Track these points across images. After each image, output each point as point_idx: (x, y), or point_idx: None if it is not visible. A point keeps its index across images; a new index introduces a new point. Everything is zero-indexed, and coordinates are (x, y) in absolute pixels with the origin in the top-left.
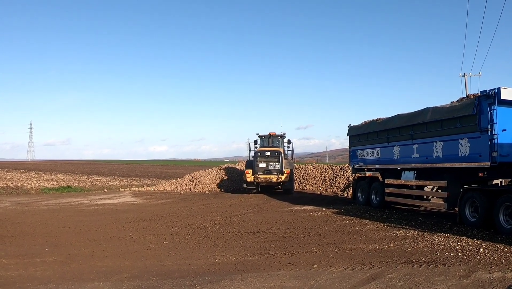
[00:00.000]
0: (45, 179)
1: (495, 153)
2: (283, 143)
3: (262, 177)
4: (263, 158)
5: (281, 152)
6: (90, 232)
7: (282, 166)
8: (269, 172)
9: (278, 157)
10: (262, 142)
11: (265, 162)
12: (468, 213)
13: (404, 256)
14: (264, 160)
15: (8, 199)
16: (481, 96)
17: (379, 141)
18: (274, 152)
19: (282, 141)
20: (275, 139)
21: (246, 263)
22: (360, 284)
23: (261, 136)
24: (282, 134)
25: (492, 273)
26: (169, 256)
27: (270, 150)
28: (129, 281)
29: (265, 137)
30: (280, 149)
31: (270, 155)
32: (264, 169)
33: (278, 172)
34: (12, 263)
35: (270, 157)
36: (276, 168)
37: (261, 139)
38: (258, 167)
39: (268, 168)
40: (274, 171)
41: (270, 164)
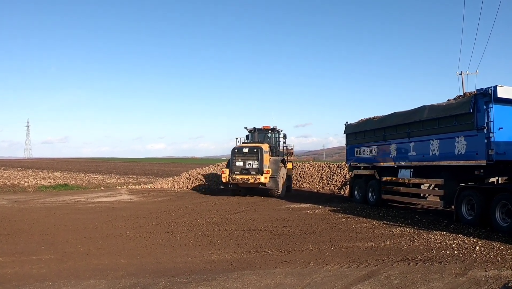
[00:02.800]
0: (42, 177)
1: (492, 151)
2: (276, 139)
3: (239, 177)
4: (240, 155)
5: (262, 148)
6: (87, 230)
7: (262, 164)
8: (247, 171)
9: (258, 154)
10: (252, 138)
11: (243, 160)
12: (465, 211)
13: (400, 254)
14: (242, 157)
15: (4, 196)
16: (478, 95)
17: (376, 139)
18: (253, 149)
19: (274, 136)
20: (263, 134)
21: (242, 261)
22: (356, 281)
23: (250, 130)
24: (273, 128)
25: (488, 271)
26: (165, 254)
27: (249, 146)
28: (125, 279)
29: (252, 131)
30: (262, 145)
31: (249, 151)
32: (242, 168)
33: (257, 171)
34: (8, 260)
35: (249, 154)
36: (254, 166)
37: (251, 134)
38: (234, 166)
39: (246, 167)
40: (253, 171)
41: (248, 162)
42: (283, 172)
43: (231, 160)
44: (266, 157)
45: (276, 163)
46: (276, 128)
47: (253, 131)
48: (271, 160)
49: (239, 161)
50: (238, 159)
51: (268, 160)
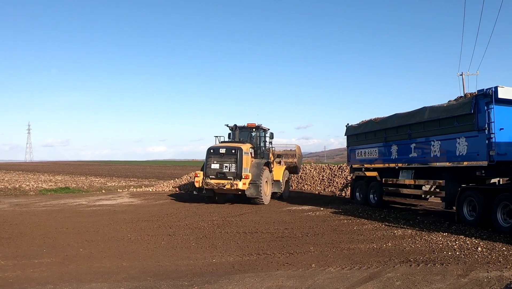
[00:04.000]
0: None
1: (493, 152)
2: (261, 138)
3: (214, 182)
4: (216, 156)
5: (242, 149)
6: (88, 233)
7: (240, 168)
8: (223, 175)
9: (236, 156)
10: (233, 137)
11: (219, 162)
12: (466, 212)
13: (402, 255)
14: (218, 159)
15: (6, 200)
16: (479, 95)
17: (377, 141)
18: (230, 149)
19: (259, 135)
20: (246, 132)
21: (244, 263)
22: (358, 283)
23: (231, 128)
24: (258, 126)
25: (490, 272)
26: (167, 257)
27: (226, 146)
28: (126, 282)
29: (233, 129)
30: (242, 145)
31: (226, 153)
32: (217, 171)
33: (235, 176)
34: (9, 264)
35: (226, 155)
36: (232, 170)
37: (232, 132)
38: (209, 169)
39: (222, 170)
40: (230, 175)
41: (225, 165)
42: (267, 177)
43: (205, 162)
44: (247, 159)
45: (258, 166)
46: (261, 127)
47: (234, 129)
48: (253, 162)
49: (214, 163)
50: (214, 160)
51: (249, 163)
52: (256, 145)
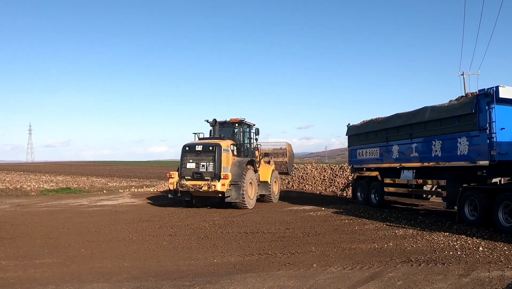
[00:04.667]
0: (44, 181)
1: (494, 152)
2: (245, 135)
3: (189, 183)
4: (192, 155)
5: (221, 145)
6: (89, 233)
7: (219, 167)
8: (200, 176)
9: (214, 154)
10: (213, 133)
11: (195, 161)
12: (467, 212)
13: (403, 255)
14: (194, 158)
15: (7, 200)
16: (480, 95)
17: (378, 141)
18: (207, 146)
19: (242, 131)
20: (229, 128)
21: (245, 263)
22: (359, 283)
23: (211, 123)
24: (242, 121)
25: (492, 272)
26: (168, 257)
27: (203, 142)
28: (128, 282)
29: (213, 124)
30: (221, 142)
31: (203, 150)
32: (194, 171)
33: (212, 176)
34: (11, 264)
35: (203, 153)
36: (209, 170)
37: (213, 128)
38: (185, 169)
39: (198, 170)
40: (207, 175)
41: (201, 164)
42: (251, 177)
43: (180, 161)
44: (227, 157)
45: (240, 165)
46: (245, 122)
47: (214, 125)
48: (235, 161)
49: (190, 162)
50: (189, 159)
51: (230, 162)
52: (239, 142)
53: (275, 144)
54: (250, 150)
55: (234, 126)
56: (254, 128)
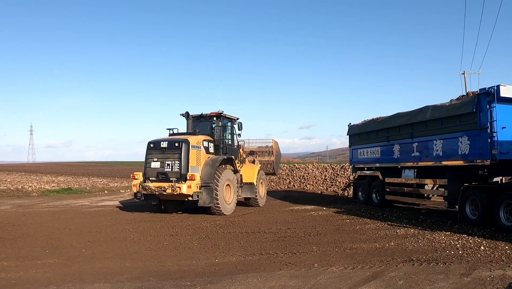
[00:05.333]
0: (45, 181)
1: (495, 151)
2: (226, 129)
3: (153, 185)
4: (157, 152)
5: (188, 141)
6: (91, 234)
7: (186, 166)
8: (165, 176)
9: (180, 151)
10: (186, 128)
11: (160, 160)
12: (469, 211)
13: (405, 255)
14: (159, 156)
15: (9, 201)
16: (481, 94)
17: (379, 140)
18: (173, 143)
19: (222, 125)
20: (207, 122)
21: (247, 263)
22: (361, 283)
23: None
24: (220, 114)
25: (493, 271)
26: (169, 257)
27: (169, 138)
28: (129, 282)
29: (186, 117)
30: (190, 137)
31: (168, 147)
32: (158, 171)
33: (178, 177)
34: (12, 265)
35: (168, 150)
36: (175, 169)
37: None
38: (149, 169)
39: (163, 170)
40: (172, 175)
41: (167, 164)
42: (229, 178)
43: (145, 160)
44: (197, 155)
45: (213, 164)
46: (224, 115)
47: (187, 118)
48: (208, 159)
49: (155, 161)
50: (154, 158)
51: (202, 160)
52: (217, 137)
53: (261, 142)
54: (232, 147)
55: (212, 121)
56: (237, 122)
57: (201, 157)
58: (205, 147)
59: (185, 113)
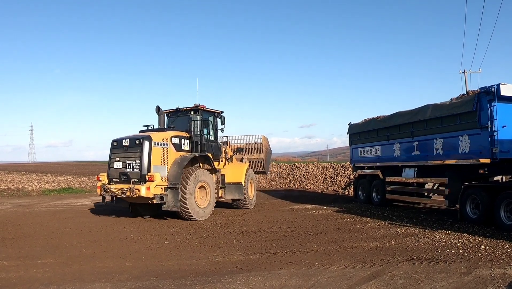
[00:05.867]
0: (46, 181)
1: (496, 149)
2: (205, 124)
3: (114, 187)
4: (120, 151)
5: (151, 138)
6: (91, 233)
7: (148, 166)
8: (127, 177)
9: (141, 150)
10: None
11: (122, 160)
12: (469, 210)
13: (405, 254)
14: (122, 155)
15: (9, 201)
16: (481, 93)
17: (379, 139)
18: (134, 140)
19: (200, 119)
20: (184, 117)
21: (247, 262)
22: (361, 282)
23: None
24: (196, 108)
25: (493, 270)
26: (170, 256)
27: (131, 136)
28: (130, 282)
29: (157, 112)
30: (153, 134)
31: (129, 145)
32: (120, 172)
33: (138, 178)
34: (13, 265)
35: (130, 149)
36: (135, 170)
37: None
38: (112, 169)
39: (125, 171)
40: (134, 176)
41: (128, 163)
42: (204, 179)
43: (108, 159)
44: (162, 154)
45: (181, 163)
46: (202, 108)
47: (158, 113)
48: (178, 158)
49: (117, 161)
50: (117, 157)
51: (170, 159)
52: (195, 133)
53: (249, 138)
54: (214, 143)
55: (189, 115)
56: (221, 116)
57: (169, 155)
58: (175, 144)
59: (156, 108)
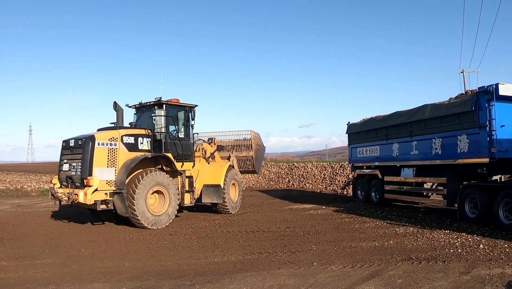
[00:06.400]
0: (45, 181)
1: (494, 149)
2: (171, 120)
3: (61, 191)
4: (68, 152)
5: (94, 138)
6: (90, 233)
7: (87, 169)
8: (72, 181)
9: (83, 152)
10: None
11: (69, 162)
12: (468, 209)
13: (404, 253)
14: (69, 157)
15: (8, 201)
16: (479, 93)
17: (378, 139)
18: (78, 140)
19: (165, 114)
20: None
21: (246, 262)
22: (360, 281)
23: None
24: (159, 102)
25: (492, 269)
26: (168, 256)
27: (77, 136)
28: (128, 282)
29: (115, 108)
30: (100, 133)
31: (74, 146)
32: (67, 174)
33: (80, 182)
34: (12, 265)
35: (75, 150)
36: (78, 173)
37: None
38: (61, 172)
39: (70, 174)
40: (77, 180)
41: (72, 165)
42: (158, 182)
43: (59, 162)
44: (108, 154)
45: (129, 165)
46: (166, 102)
47: (115, 108)
48: (127, 160)
49: (65, 163)
50: (65, 159)
51: (119, 161)
52: (158, 130)
53: (237, 134)
54: (184, 142)
55: (153, 110)
56: (192, 111)
57: (118, 157)
58: (128, 143)
59: (113, 104)
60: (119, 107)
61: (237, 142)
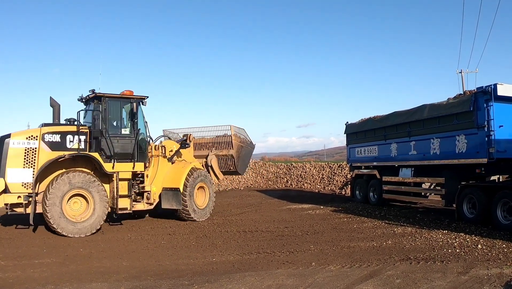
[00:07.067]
0: None
1: (492, 149)
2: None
3: None
4: None
5: (9, 137)
6: None
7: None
8: None
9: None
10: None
11: None
12: (466, 210)
13: (402, 253)
14: None
15: None
16: (478, 93)
17: (376, 139)
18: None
19: (100, 109)
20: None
21: (244, 262)
22: (358, 281)
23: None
24: (99, 95)
25: (490, 269)
26: (167, 256)
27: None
28: (127, 282)
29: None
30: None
31: None
32: None
33: None
34: (10, 264)
35: None
36: None
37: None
38: None
39: None
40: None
41: None
42: (77, 186)
43: None
44: (25, 155)
45: (41, 167)
46: (104, 95)
47: (51, 104)
48: (46, 162)
49: None
50: None
51: (38, 161)
52: (96, 127)
53: (217, 130)
54: (128, 139)
55: (96, 104)
56: (142, 103)
57: (38, 157)
58: (52, 142)
59: (50, 100)
60: (55, 103)
61: (217, 139)
